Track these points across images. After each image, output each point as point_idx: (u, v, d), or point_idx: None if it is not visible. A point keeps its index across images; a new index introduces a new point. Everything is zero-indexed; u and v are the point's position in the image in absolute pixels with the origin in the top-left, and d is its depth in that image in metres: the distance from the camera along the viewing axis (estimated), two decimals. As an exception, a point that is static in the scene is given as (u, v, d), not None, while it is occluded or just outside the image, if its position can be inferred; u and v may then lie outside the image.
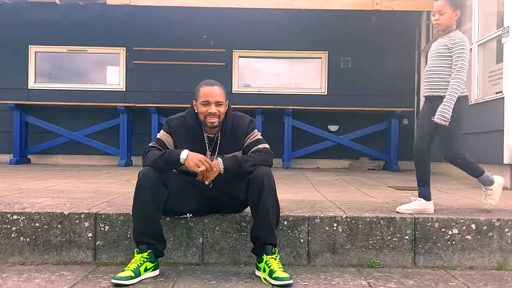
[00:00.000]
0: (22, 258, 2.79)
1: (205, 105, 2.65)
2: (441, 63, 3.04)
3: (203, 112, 2.67)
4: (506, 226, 2.85)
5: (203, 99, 2.66)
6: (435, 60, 3.08)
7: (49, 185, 4.37)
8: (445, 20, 3.02)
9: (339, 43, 7.97)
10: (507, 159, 5.00)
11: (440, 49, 3.06)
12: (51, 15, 7.77)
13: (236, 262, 2.82)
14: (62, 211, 2.84)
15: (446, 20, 3.02)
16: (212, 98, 2.65)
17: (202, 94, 2.67)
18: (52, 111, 7.81)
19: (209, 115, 2.65)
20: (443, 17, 3.01)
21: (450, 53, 2.99)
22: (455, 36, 3.01)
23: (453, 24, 3.06)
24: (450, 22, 3.04)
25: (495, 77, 5.64)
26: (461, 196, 4.10)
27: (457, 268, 2.81)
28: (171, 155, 2.58)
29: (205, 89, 2.68)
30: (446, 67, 3.02)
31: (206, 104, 2.65)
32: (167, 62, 7.92)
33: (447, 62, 3.01)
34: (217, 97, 2.67)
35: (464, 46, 2.98)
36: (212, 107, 2.65)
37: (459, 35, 3.02)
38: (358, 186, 4.74)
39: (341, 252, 2.83)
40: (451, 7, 3.00)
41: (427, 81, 3.14)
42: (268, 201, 2.53)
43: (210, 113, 2.65)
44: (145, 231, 2.54)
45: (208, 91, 2.67)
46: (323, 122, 7.85)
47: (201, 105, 2.67)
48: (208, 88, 2.68)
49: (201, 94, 2.67)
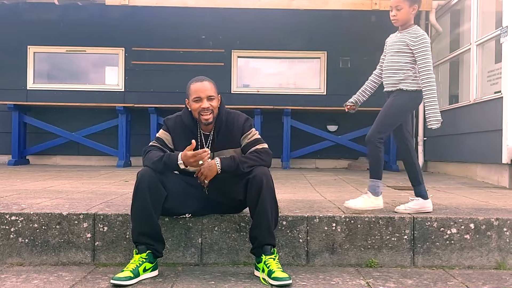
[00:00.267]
0: (20, 259, 2.79)
1: (197, 101, 2.66)
2: (401, 59, 3.01)
3: (196, 108, 2.67)
4: (504, 226, 2.85)
5: (194, 95, 2.67)
6: (395, 56, 3.04)
7: (47, 185, 4.36)
8: (402, 15, 2.97)
9: (338, 43, 7.97)
10: (506, 158, 5.00)
11: (399, 45, 3.02)
12: (49, 15, 7.77)
13: (235, 263, 2.82)
14: (60, 211, 2.84)
15: (404, 15, 2.97)
16: (203, 93, 2.66)
17: (193, 90, 2.68)
18: (50, 112, 7.80)
19: (202, 110, 2.66)
20: (400, 12, 2.97)
21: (411, 49, 2.96)
22: (416, 33, 2.98)
23: (411, 19, 3.02)
24: (408, 17, 3.00)
25: (494, 77, 5.64)
26: (459, 195, 4.11)
27: (455, 268, 2.81)
28: (170, 159, 2.57)
29: (195, 86, 2.69)
30: (407, 62, 2.99)
31: (198, 100, 2.66)
32: (166, 63, 7.91)
33: (407, 57, 2.99)
34: (208, 91, 2.68)
35: (426, 42, 2.95)
36: (204, 102, 2.66)
37: (419, 31, 2.99)
38: (357, 186, 4.74)
39: (340, 252, 2.84)
40: (408, 2, 2.95)
41: (387, 77, 3.08)
42: (267, 202, 2.53)
43: (203, 109, 2.66)
44: (144, 231, 2.54)
45: (198, 87, 2.68)
46: (322, 122, 7.85)
47: (193, 102, 2.68)
48: (197, 84, 2.69)
49: (192, 91, 2.69)
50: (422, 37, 2.96)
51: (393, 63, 3.05)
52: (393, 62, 3.05)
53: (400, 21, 3.01)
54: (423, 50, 2.94)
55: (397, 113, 3.03)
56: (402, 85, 3.01)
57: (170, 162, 2.56)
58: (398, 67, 3.02)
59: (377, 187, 2.98)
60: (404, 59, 3.00)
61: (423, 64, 2.94)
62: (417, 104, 3.12)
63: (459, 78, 6.94)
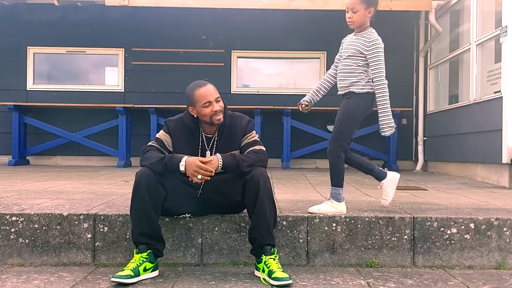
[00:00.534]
0: (21, 259, 2.79)
1: (208, 106, 2.65)
2: (354, 62, 2.98)
3: (208, 113, 2.66)
4: (504, 226, 2.86)
5: (203, 101, 2.65)
6: (348, 59, 3.01)
7: (48, 186, 4.37)
8: (358, 18, 2.94)
9: (338, 43, 7.87)
10: (506, 158, 5.00)
11: (353, 48, 2.99)
12: (49, 16, 7.77)
13: (236, 263, 2.82)
14: (61, 212, 2.84)
15: (359, 17, 2.94)
16: (211, 96, 2.66)
17: (200, 97, 2.65)
18: (50, 112, 7.81)
19: (215, 114, 2.66)
20: (356, 15, 2.93)
21: (365, 52, 2.94)
22: (370, 37, 2.95)
23: (367, 22, 2.99)
24: (364, 20, 2.97)
25: (493, 77, 5.65)
26: (459, 195, 4.11)
27: (456, 268, 2.81)
28: (171, 161, 2.56)
29: (201, 91, 2.66)
30: (359, 66, 2.97)
31: (208, 104, 2.65)
32: (166, 63, 7.92)
33: (360, 61, 2.96)
34: (215, 94, 2.68)
35: (379, 47, 2.92)
36: (215, 105, 2.66)
37: (373, 36, 2.95)
38: (357, 186, 4.74)
39: (340, 252, 2.84)
40: (364, 4, 2.91)
41: (340, 80, 3.06)
42: (265, 202, 2.53)
43: (215, 112, 2.66)
44: (144, 231, 2.54)
45: (205, 91, 2.66)
46: (322, 122, 7.85)
47: (202, 107, 2.65)
48: (203, 89, 2.67)
49: (199, 97, 2.65)
50: (375, 42, 2.92)
51: (346, 66, 3.02)
52: (346, 65, 3.02)
53: (355, 24, 2.97)
54: (375, 55, 2.91)
55: (349, 118, 3.00)
56: (353, 88, 2.99)
57: (172, 164, 2.55)
58: (351, 70, 3.00)
59: (338, 194, 2.99)
60: (357, 62, 2.97)
61: (375, 70, 2.92)
62: (370, 107, 3.04)
63: (459, 78, 6.95)
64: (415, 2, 7.02)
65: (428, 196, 3.99)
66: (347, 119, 3.00)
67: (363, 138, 7.72)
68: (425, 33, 7.71)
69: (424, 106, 7.73)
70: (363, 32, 2.99)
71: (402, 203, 3.48)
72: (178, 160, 2.56)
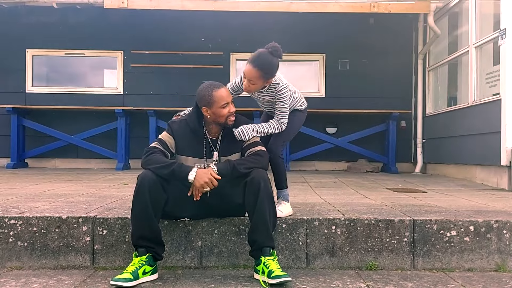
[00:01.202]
0: (19, 262, 2.78)
1: (225, 106, 2.70)
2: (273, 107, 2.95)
3: (225, 114, 2.70)
4: (504, 228, 2.85)
5: (222, 102, 2.68)
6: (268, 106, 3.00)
7: (46, 189, 4.36)
8: (256, 88, 2.82)
9: (337, 46, 7.98)
10: (505, 160, 5.01)
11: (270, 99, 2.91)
12: (48, 18, 7.77)
13: (235, 266, 2.81)
14: (60, 215, 2.83)
15: (257, 87, 2.82)
16: (228, 97, 2.72)
17: (219, 98, 2.67)
18: (49, 115, 7.80)
19: (231, 115, 2.72)
20: (254, 86, 2.79)
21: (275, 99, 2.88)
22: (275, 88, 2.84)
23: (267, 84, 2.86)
24: (262, 86, 2.84)
25: (492, 79, 5.66)
26: (459, 197, 4.11)
27: (455, 270, 2.81)
28: (181, 169, 2.56)
29: (219, 93, 2.69)
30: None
31: (226, 105, 2.70)
32: (165, 65, 7.92)
33: None
34: (230, 95, 2.75)
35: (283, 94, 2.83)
36: (231, 106, 2.72)
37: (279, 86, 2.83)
38: (356, 188, 4.74)
39: (340, 255, 2.83)
40: (263, 79, 2.74)
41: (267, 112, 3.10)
42: (265, 204, 2.53)
43: (232, 113, 2.72)
44: (144, 234, 2.53)
45: (223, 93, 2.70)
46: (321, 124, 7.86)
47: (220, 108, 2.68)
48: (221, 90, 2.71)
49: (217, 98, 2.67)
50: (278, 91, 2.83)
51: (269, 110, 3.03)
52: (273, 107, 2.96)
53: (252, 91, 2.86)
54: (280, 102, 2.85)
55: (296, 128, 3.10)
56: (295, 106, 3.06)
57: (181, 172, 2.56)
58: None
59: (287, 194, 3.03)
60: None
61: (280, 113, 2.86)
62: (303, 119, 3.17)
63: (458, 80, 6.96)
64: (414, 5, 7.03)
65: (427, 199, 3.99)
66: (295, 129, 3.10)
67: (362, 140, 7.74)
68: (423, 35, 7.72)
69: (423, 108, 7.74)
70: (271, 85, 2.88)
71: (402, 205, 3.48)
72: (188, 169, 2.57)
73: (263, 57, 2.72)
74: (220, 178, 2.58)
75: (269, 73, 2.75)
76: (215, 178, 2.56)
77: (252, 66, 2.70)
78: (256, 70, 2.70)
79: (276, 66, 2.77)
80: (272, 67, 2.75)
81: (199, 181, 2.54)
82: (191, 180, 2.55)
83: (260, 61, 2.70)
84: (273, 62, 2.75)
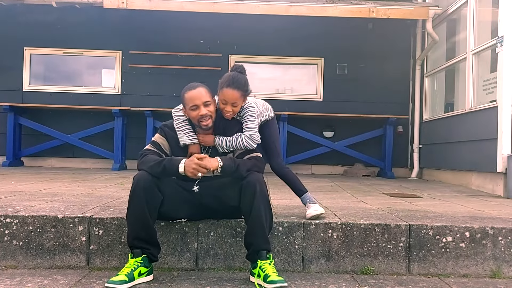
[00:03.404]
0: (14, 261, 2.77)
1: (195, 109, 2.66)
2: None
3: (195, 116, 2.67)
4: (499, 234, 2.87)
5: (190, 104, 2.66)
6: None
7: (42, 188, 4.34)
8: (237, 109, 2.83)
9: (335, 50, 8.00)
10: (501, 167, 5.03)
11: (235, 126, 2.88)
12: (47, 17, 7.76)
13: (231, 268, 2.81)
14: (56, 214, 2.82)
15: (238, 108, 2.83)
16: (199, 100, 2.66)
17: (189, 99, 2.67)
18: (46, 114, 7.78)
19: (201, 118, 2.67)
20: (236, 108, 2.80)
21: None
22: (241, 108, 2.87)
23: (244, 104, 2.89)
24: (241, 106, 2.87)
25: (489, 86, 5.69)
26: (455, 203, 4.12)
27: (451, 276, 2.81)
28: (171, 164, 2.57)
29: (189, 94, 2.68)
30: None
31: (195, 108, 2.66)
32: (163, 66, 7.92)
33: None
34: (203, 97, 2.67)
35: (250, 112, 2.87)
36: (201, 109, 2.66)
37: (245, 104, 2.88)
38: (353, 193, 4.75)
39: (335, 259, 2.83)
40: (243, 97, 2.82)
41: None
42: (261, 207, 2.53)
43: (202, 116, 2.66)
44: (140, 235, 2.53)
45: (193, 94, 2.67)
46: (318, 128, 7.88)
47: (190, 110, 2.68)
48: (192, 92, 2.68)
49: (188, 100, 2.67)
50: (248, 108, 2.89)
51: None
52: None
53: (234, 115, 2.85)
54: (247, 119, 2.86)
55: (277, 135, 3.23)
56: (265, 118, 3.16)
57: (171, 166, 2.56)
58: None
59: (311, 196, 3.11)
60: None
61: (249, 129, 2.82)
62: (276, 127, 3.31)
63: (455, 87, 6.99)
64: (413, 11, 7.07)
65: (423, 204, 4.00)
66: (276, 138, 3.25)
67: (359, 145, 7.76)
68: (422, 41, 7.76)
69: (420, 114, 7.77)
70: None
71: (398, 210, 3.49)
72: (177, 162, 2.56)
73: (238, 78, 2.81)
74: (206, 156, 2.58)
75: (246, 90, 2.85)
76: (202, 158, 2.54)
77: (232, 89, 2.75)
78: (237, 91, 2.77)
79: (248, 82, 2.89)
80: (247, 84, 2.87)
81: (189, 170, 2.53)
82: (182, 173, 2.54)
83: (237, 83, 2.78)
84: (246, 80, 2.88)
